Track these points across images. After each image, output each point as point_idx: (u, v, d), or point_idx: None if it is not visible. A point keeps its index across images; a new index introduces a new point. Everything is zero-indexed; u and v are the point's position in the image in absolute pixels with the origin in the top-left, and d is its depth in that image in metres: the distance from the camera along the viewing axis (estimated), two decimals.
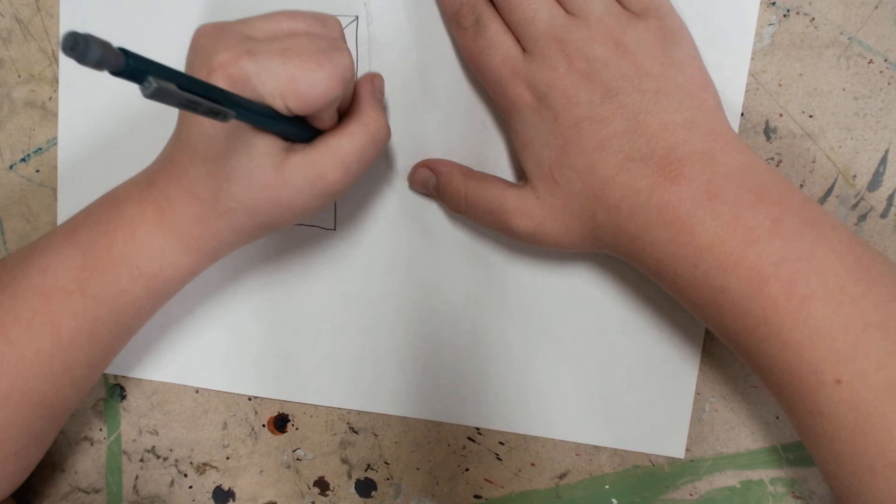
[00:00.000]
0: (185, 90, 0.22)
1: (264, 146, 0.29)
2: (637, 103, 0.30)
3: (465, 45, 0.33)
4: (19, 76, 0.40)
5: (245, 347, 0.40)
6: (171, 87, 0.21)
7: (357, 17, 0.36)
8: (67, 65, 0.39)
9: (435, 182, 0.36)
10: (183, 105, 0.22)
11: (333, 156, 0.30)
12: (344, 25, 0.36)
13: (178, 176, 0.31)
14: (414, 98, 0.37)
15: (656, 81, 0.30)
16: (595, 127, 0.30)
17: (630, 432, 0.38)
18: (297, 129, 0.30)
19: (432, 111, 0.37)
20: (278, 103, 0.28)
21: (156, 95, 0.21)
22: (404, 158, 0.37)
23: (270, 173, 0.30)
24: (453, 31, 0.34)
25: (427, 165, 0.36)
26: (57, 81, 0.39)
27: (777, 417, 0.37)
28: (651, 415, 0.37)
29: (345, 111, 0.32)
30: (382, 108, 0.33)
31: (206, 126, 0.29)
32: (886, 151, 0.35)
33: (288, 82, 0.28)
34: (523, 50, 0.32)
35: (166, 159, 0.32)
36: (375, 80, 0.34)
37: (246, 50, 0.28)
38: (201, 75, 0.28)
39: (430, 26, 0.36)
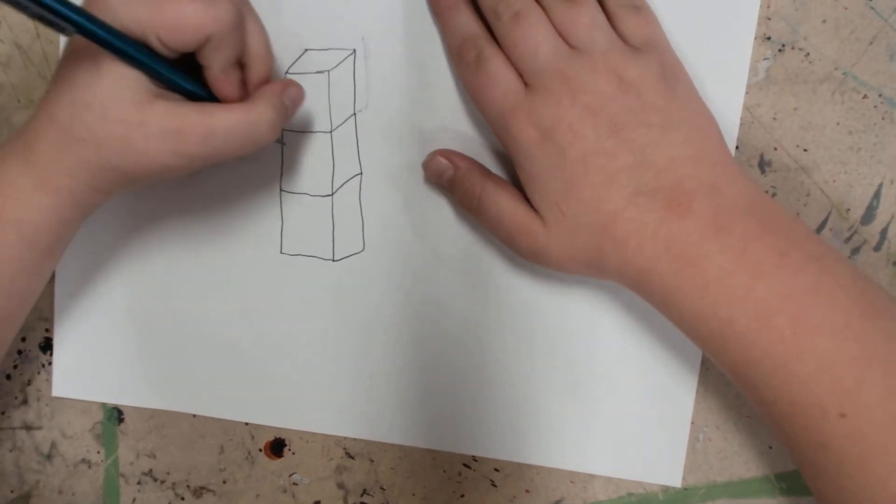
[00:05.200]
0: None
1: (129, 79, 0.29)
2: (643, 137, 0.30)
3: (467, 80, 0.33)
4: (19, 101, 0.40)
5: (243, 374, 0.40)
6: None
7: (354, 51, 0.36)
8: None
9: (451, 174, 0.35)
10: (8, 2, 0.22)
11: (200, 120, 0.30)
12: (341, 59, 0.36)
13: (45, 106, 0.31)
14: (410, 131, 0.37)
15: (661, 115, 0.30)
16: (602, 161, 0.30)
17: (627, 461, 0.38)
18: (182, 81, 0.30)
19: (429, 145, 0.37)
20: (148, 33, 0.28)
21: None
22: (401, 190, 0.37)
23: (129, 109, 0.29)
24: (456, 66, 0.34)
25: (446, 156, 0.35)
26: None
27: (770, 447, 0.37)
28: (648, 443, 0.38)
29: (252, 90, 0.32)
30: (280, 111, 0.32)
31: (79, 50, 0.29)
32: (880, 186, 0.35)
33: (154, 8, 0.28)
34: (526, 85, 0.32)
35: (42, 98, 0.31)
36: (291, 87, 0.33)
37: None
38: None
39: (427, 60, 0.36)
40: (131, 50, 0.28)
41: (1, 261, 0.31)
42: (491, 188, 0.34)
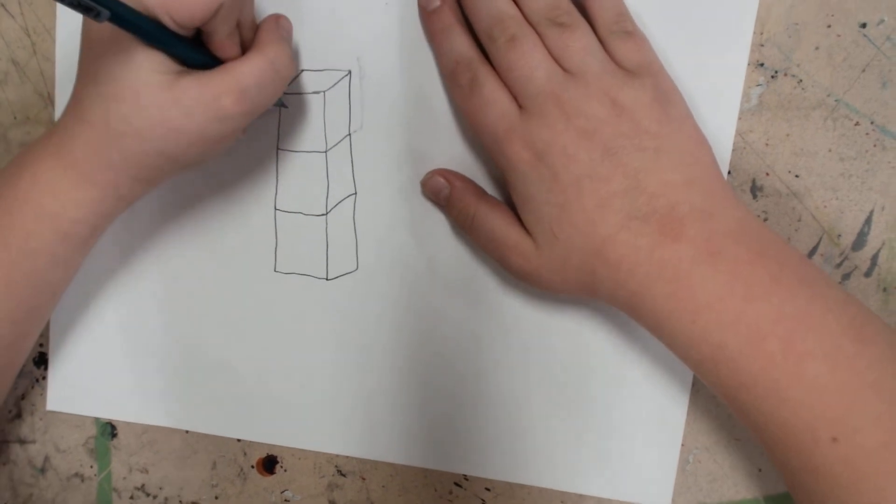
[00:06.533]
0: None
1: (152, 62, 0.29)
2: (637, 161, 0.30)
3: (462, 103, 0.34)
4: (15, 118, 0.40)
5: (236, 390, 0.40)
6: None
7: (349, 72, 0.36)
8: (63, 108, 0.39)
9: (447, 193, 0.36)
10: None
11: (229, 79, 0.30)
12: (336, 80, 0.37)
13: (74, 105, 0.31)
14: (405, 152, 0.37)
15: (655, 139, 0.31)
16: (596, 185, 0.31)
17: (617, 481, 0.38)
18: (195, 53, 0.30)
19: (423, 165, 0.37)
20: (160, 11, 0.28)
21: None
22: (395, 210, 0.38)
23: (159, 92, 0.29)
24: (450, 89, 0.34)
25: (443, 175, 0.36)
26: (52, 124, 0.40)
27: (760, 470, 0.37)
28: (638, 464, 0.38)
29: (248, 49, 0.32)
30: (288, 42, 0.33)
31: (95, 46, 0.30)
32: (871, 212, 0.35)
33: None
34: (520, 107, 0.32)
35: (70, 96, 0.32)
36: (281, 20, 0.33)
37: None
38: None
39: (422, 81, 0.36)
40: (158, 32, 0.28)
41: (34, 253, 0.32)
42: (485, 208, 0.34)
